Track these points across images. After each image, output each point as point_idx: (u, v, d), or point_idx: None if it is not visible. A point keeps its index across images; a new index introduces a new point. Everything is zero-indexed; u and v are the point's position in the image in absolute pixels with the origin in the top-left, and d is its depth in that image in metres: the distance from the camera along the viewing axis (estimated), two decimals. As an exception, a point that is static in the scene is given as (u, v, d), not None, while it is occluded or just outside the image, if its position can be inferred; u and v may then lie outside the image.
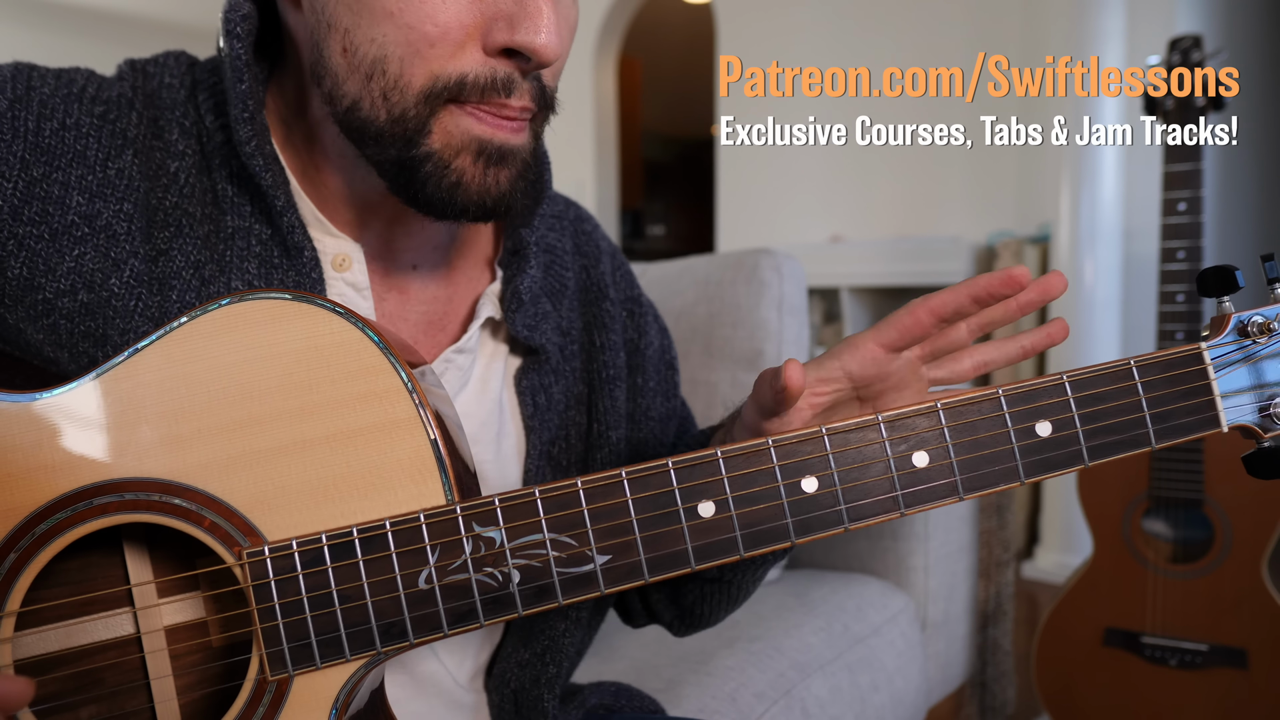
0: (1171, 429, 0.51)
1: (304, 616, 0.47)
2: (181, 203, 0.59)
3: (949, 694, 1.53)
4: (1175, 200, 1.50)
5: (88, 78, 0.60)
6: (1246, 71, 3.00)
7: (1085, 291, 2.70)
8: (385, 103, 0.54)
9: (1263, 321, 0.51)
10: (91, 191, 0.57)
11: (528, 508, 0.48)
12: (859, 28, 3.72)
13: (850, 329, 3.52)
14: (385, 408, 0.49)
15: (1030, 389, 0.50)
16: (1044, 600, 2.65)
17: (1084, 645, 1.58)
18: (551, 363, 0.69)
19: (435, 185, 0.55)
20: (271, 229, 0.60)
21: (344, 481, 0.48)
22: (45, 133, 0.56)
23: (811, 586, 1.35)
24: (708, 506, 0.48)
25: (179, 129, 0.60)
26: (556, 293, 0.72)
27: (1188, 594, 1.49)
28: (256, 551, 0.47)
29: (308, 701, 0.48)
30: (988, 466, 0.50)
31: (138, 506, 0.47)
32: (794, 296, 1.33)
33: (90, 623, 0.49)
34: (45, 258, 0.55)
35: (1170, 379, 0.51)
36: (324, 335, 0.49)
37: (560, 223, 0.76)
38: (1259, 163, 3.13)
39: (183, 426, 0.48)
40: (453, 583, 0.47)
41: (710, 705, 1.01)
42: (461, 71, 0.53)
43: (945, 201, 3.55)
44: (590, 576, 0.48)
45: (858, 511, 0.49)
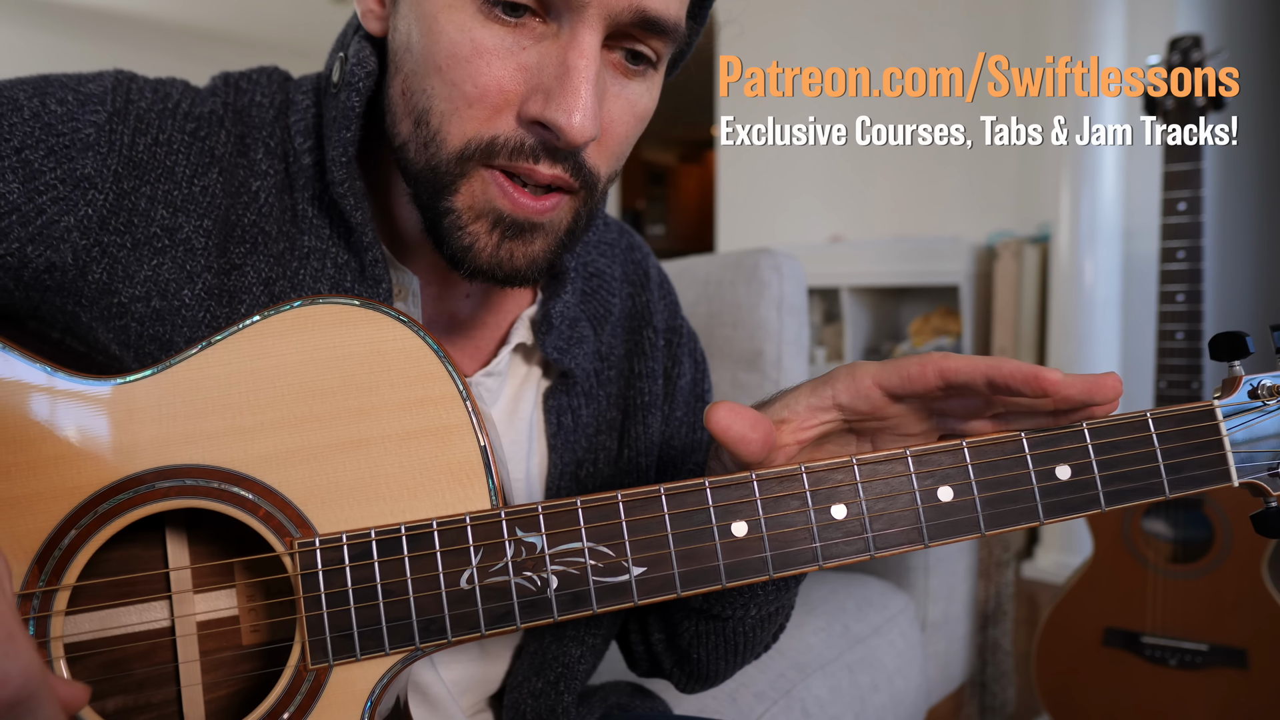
0: (1184, 480, 0.53)
1: (348, 608, 0.49)
2: (259, 221, 0.60)
3: (949, 694, 1.53)
4: (1175, 200, 1.50)
5: (182, 92, 0.61)
6: (1246, 71, 3.00)
7: (1085, 291, 2.69)
8: (425, 152, 0.55)
9: (1272, 385, 0.54)
10: (175, 206, 0.58)
11: (569, 516, 0.50)
12: (859, 28, 3.72)
13: (850, 329, 3.52)
14: (440, 413, 0.51)
15: (1051, 434, 0.52)
16: (1044, 600, 2.65)
17: (1084, 645, 1.58)
18: (582, 386, 0.69)
19: (451, 241, 0.56)
20: (349, 254, 0.61)
21: (395, 481, 0.50)
22: (139, 148, 0.58)
23: (811, 586, 1.35)
24: (740, 526, 0.50)
25: (264, 149, 0.62)
26: (599, 318, 0.72)
27: (1188, 594, 1.49)
28: (307, 542, 0.49)
29: (344, 693, 0.49)
30: (1009, 505, 0.52)
31: (198, 493, 0.49)
32: (794, 296, 1.33)
33: (126, 609, 0.51)
34: (125, 265, 0.57)
35: (1184, 433, 0.53)
36: (387, 341, 0.51)
37: (612, 250, 0.76)
38: (1259, 163, 3.13)
39: (246, 419, 0.50)
40: (493, 584, 0.49)
41: (710, 705, 1.01)
42: (494, 134, 0.53)
43: (945, 201, 3.55)
44: (625, 587, 0.50)
45: (884, 540, 0.51)
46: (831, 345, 3.69)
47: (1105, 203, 2.68)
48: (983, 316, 3.20)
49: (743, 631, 0.68)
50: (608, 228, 0.78)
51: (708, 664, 0.72)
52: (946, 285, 3.23)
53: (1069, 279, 2.72)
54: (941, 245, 3.22)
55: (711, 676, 0.74)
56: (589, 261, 0.73)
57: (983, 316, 3.20)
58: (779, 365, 1.31)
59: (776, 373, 1.31)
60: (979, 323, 3.19)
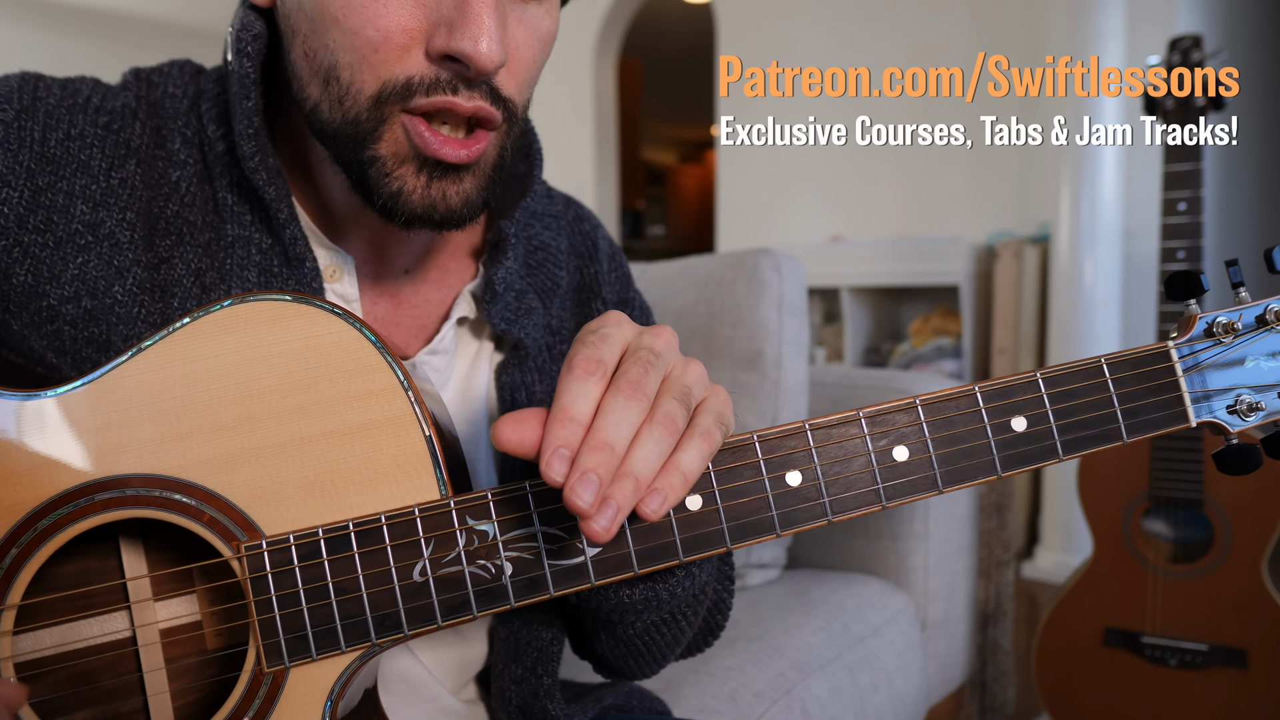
0: (1142, 424, 0.53)
1: (300, 609, 0.48)
2: (183, 211, 0.59)
3: (949, 694, 1.53)
4: (1175, 200, 1.50)
5: (93, 87, 0.61)
6: (1246, 71, 3.00)
7: (1085, 291, 2.69)
8: (340, 107, 0.55)
9: (1227, 322, 0.53)
10: (95, 200, 0.57)
11: (520, 501, 0.49)
12: (859, 28, 3.72)
13: (850, 329, 3.52)
14: (381, 405, 0.50)
15: (1005, 385, 0.52)
16: (1044, 600, 2.65)
17: (1084, 645, 1.58)
18: (534, 359, 0.68)
19: (380, 190, 0.56)
20: (272, 238, 0.60)
21: (340, 477, 0.49)
22: (51, 143, 0.57)
23: (811, 586, 1.35)
24: (695, 500, 0.49)
25: (181, 138, 0.61)
26: (547, 290, 0.71)
27: (1188, 594, 1.49)
28: (254, 546, 0.48)
29: (303, 694, 0.48)
30: (966, 460, 0.51)
31: (139, 502, 0.48)
32: (794, 296, 1.33)
33: (86, 622, 0.50)
34: (50, 265, 0.56)
35: (1140, 375, 0.53)
36: (322, 335, 0.50)
37: (557, 222, 0.75)
38: (1259, 163, 3.13)
39: (183, 424, 0.49)
40: (446, 575, 0.48)
41: (710, 705, 1.01)
42: (408, 74, 0.53)
43: (945, 201, 3.55)
44: (581, 569, 0.49)
45: (841, 504, 0.50)
46: (831, 345, 3.69)
47: (1105, 203, 2.68)
48: (983, 316, 3.20)
49: (637, 636, 0.64)
50: (552, 200, 0.77)
51: (616, 662, 0.69)
52: (946, 285, 3.23)
53: (1069, 279, 2.72)
54: (941, 245, 3.22)
55: (628, 674, 0.71)
56: (533, 235, 0.72)
57: (983, 316, 3.20)
58: (779, 365, 1.31)
59: (776, 373, 1.31)
60: (979, 323, 3.20)
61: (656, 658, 0.68)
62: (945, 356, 3.26)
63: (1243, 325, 0.53)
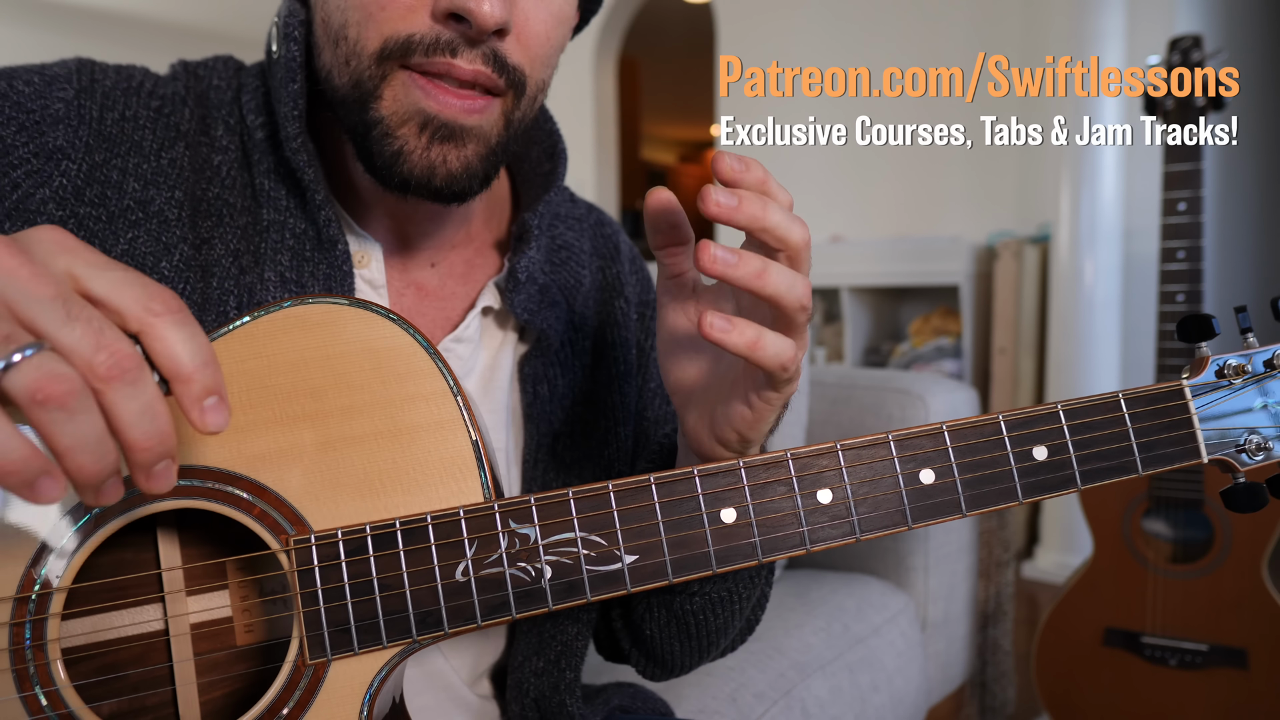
0: (1156, 458, 0.55)
1: (345, 603, 0.49)
2: (223, 194, 0.62)
3: (949, 694, 1.53)
4: (1175, 200, 1.50)
5: (144, 74, 0.64)
6: (1246, 71, 3.00)
7: (1085, 291, 2.70)
8: (347, 68, 0.56)
9: (1238, 365, 0.56)
10: (146, 179, 0.60)
11: (561, 507, 0.50)
12: (859, 28, 3.73)
13: (850, 329, 3.52)
14: (431, 409, 0.51)
15: (1028, 415, 0.54)
16: (1044, 600, 2.65)
17: (1084, 645, 1.58)
18: (556, 352, 0.69)
19: (380, 152, 0.57)
20: (306, 223, 0.62)
21: (389, 477, 0.51)
22: (107, 121, 0.60)
23: (811, 586, 1.35)
24: (729, 513, 0.51)
25: (224, 126, 0.63)
26: (570, 288, 0.72)
27: (1188, 594, 1.49)
28: (303, 539, 0.49)
29: (343, 687, 0.49)
30: (990, 486, 0.53)
31: (192, 493, 0.49)
32: (794, 296, 1.33)
33: (120, 612, 0.50)
34: (102, 239, 0.58)
35: (1155, 412, 0.55)
36: (377, 339, 0.51)
37: (580, 225, 0.77)
38: (1259, 163, 3.13)
39: (240, 418, 0.50)
40: (488, 576, 0.50)
41: (710, 705, 1.01)
42: (410, 31, 0.54)
43: (945, 201, 3.55)
44: (618, 575, 0.50)
45: (869, 523, 0.52)
46: (831, 345, 3.69)
47: (1105, 203, 2.68)
48: (983, 316, 3.20)
49: (693, 612, 0.67)
50: (575, 204, 0.78)
51: (662, 646, 0.71)
52: (946, 285, 3.23)
53: (1069, 279, 2.72)
54: (941, 245, 3.22)
55: (669, 662, 0.73)
56: (557, 234, 0.74)
57: (983, 316, 3.20)
58: (779, 365, 1.30)
59: (776, 373, 1.30)
60: (979, 323, 3.20)
61: (703, 644, 0.70)
62: (945, 356, 3.26)
63: (1252, 369, 0.56)
